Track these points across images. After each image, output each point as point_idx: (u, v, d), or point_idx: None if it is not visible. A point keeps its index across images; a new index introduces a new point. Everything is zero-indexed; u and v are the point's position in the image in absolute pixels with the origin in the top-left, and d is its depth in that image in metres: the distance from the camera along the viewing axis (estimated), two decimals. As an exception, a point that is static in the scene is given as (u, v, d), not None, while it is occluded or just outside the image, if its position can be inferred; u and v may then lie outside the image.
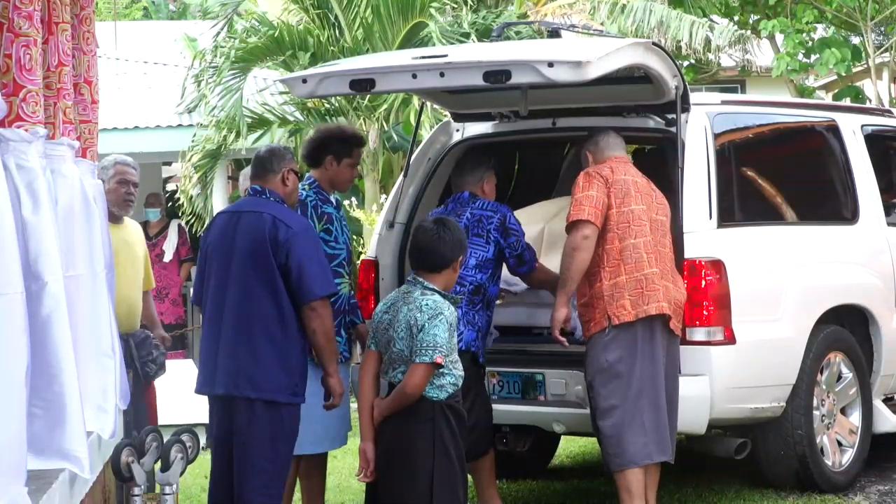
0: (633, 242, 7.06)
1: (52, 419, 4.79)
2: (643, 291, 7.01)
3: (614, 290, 7.03)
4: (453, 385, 5.96)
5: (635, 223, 7.09)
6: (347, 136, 7.43)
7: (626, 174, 7.20)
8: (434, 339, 5.84)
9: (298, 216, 6.70)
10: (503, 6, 16.97)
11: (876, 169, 8.78)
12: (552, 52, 7.31)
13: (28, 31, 4.80)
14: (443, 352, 5.84)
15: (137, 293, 8.08)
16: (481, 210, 7.45)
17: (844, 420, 8.26)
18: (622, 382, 6.99)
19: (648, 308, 6.99)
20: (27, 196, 4.69)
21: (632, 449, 6.97)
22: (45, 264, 4.72)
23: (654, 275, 7.04)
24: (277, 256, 6.37)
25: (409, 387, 5.89)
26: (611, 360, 7.00)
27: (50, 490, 4.52)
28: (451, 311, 5.95)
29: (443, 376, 5.91)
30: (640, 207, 7.12)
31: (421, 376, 5.87)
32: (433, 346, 5.84)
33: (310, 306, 6.39)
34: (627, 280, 7.03)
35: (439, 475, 5.88)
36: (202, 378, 6.54)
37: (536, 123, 8.25)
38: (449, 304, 5.96)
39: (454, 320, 5.96)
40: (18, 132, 4.70)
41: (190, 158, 15.90)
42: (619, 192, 7.11)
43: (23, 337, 4.22)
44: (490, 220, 7.40)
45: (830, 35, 17.78)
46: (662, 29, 16.68)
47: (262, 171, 6.68)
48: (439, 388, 5.92)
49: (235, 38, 16.04)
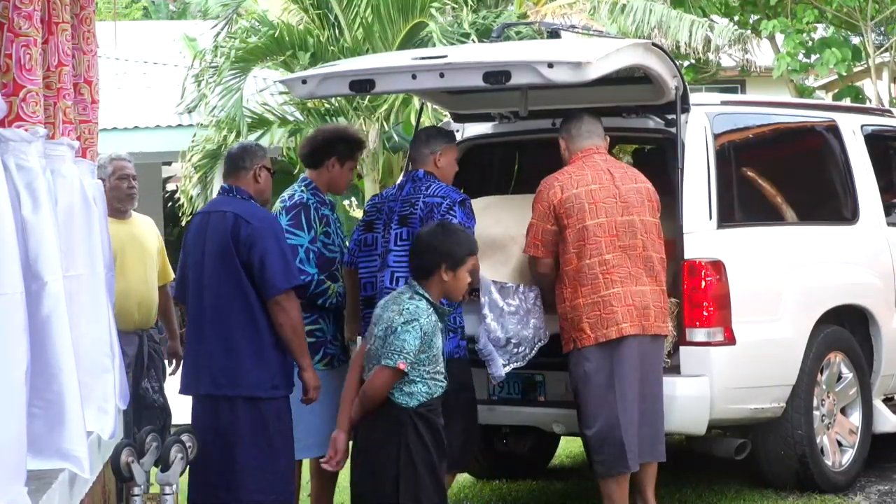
0: (588, 263, 7.01)
1: (52, 419, 4.79)
2: (601, 315, 6.97)
3: (574, 312, 7.02)
4: (426, 394, 5.83)
5: (590, 241, 7.01)
6: (352, 139, 7.41)
7: (578, 185, 7.07)
8: (402, 345, 5.75)
9: (263, 212, 6.68)
10: (503, 6, 16.99)
11: (876, 169, 8.77)
12: (552, 52, 7.31)
13: (28, 31, 4.80)
14: (408, 358, 5.73)
15: (148, 287, 8.06)
16: (432, 197, 6.99)
17: (844, 420, 8.26)
18: (601, 392, 6.97)
19: (608, 332, 6.96)
20: (27, 196, 4.69)
21: (611, 458, 6.96)
22: (45, 264, 4.72)
23: (612, 296, 6.97)
24: (240, 254, 6.45)
25: (368, 388, 5.83)
26: (589, 370, 6.99)
27: (50, 490, 4.52)
28: (430, 321, 5.82)
29: (413, 384, 5.80)
30: (596, 222, 7.03)
31: (382, 380, 5.79)
32: (399, 352, 5.75)
33: (274, 301, 6.45)
34: (584, 303, 6.99)
35: (404, 482, 5.78)
36: (186, 379, 6.65)
37: (536, 124, 8.24)
38: (430, 312, 5.84)
39: (432, 330, 5.83)
40: (18, 132, 4.70)
41: (190, 158, 15.92)
42: (570, 211, 7.04)
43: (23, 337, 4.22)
44: (440, 206, 6.95)
45: (830, 35, 17.79)
46: (662, 29, 16.71)
47: (233, 169, 6.75)
48: (408, 396, 5.81)
49: (235, 38, 16.05)
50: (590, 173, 7.13)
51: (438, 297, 5.97)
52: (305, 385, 6.59)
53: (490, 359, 7.16)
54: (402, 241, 6.91)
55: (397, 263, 6.91)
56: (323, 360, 7.08)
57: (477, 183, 8.70)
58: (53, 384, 4.78)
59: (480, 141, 8.53)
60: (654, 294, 7.07)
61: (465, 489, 8.88)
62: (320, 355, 7.07)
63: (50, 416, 4.78)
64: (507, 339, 7.19)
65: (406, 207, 6.98)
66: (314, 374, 6.62)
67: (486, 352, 7.16)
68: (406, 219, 6.95)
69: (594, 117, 7.35)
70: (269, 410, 6.50)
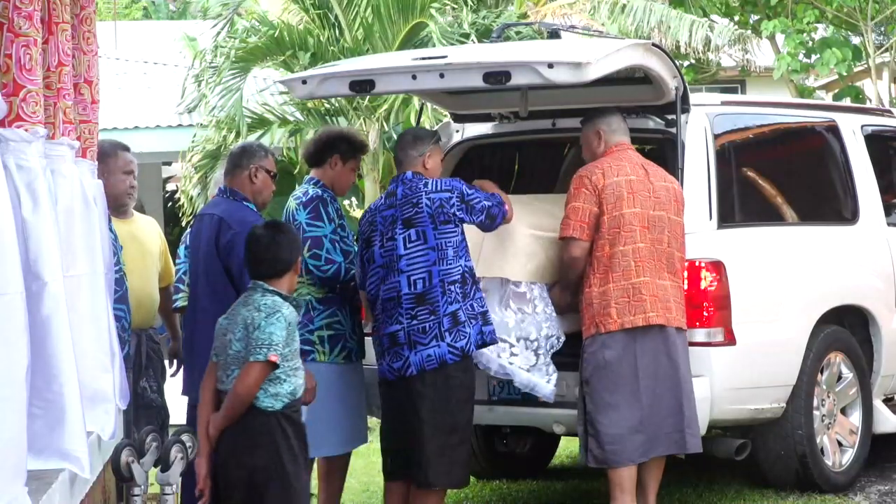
0: (622, 249, 7.05)
1: (52, 419, 4.79)
2: (630, 301, 7.01)
3: (602, 297, 7.04)
4: (291, 395, 5.66)
5: (625, 229, 7.06)
6: (355, 141, 7.44)
7: (619, 174, 7.14)
8: (270, 337, 5.56)
9: (248, 214, 6.66)
10: (503, 6, 16.97)
11: (876, 169, 8.78)
12: (552, 53, 7.32)
13: (28, 31, 4.80)
14: (278, 350, 5.55)
15: (147, 287, 8.05)
16: (437, 192, 6.88)
17: (844, 420, 8.26)
18: (620, 380, 7.00)
19: (635, 319, 6.99)
20: (27, 196, 4.69)
21: (630, 446, 6.98)
22: (45, 264, 4.72)
23: (642, 284, 7.02)
24: (221, 258, 6.45)
25: (240, 386, 5.59)
26: (608, 358, 7.02)
27: (50, 490, 4.52)
28: (291, 311, 5.68)
29: (279, 383, 5.62)
30: (633, 211, 7.08)
31: (254, 376, 5.56)
32: (268, 344, 5.55)
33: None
34: (615, 288, 7.02)
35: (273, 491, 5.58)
36: (186, 381, 6.68)
37: (536, 124, 8.25)
38: (289, 304, 5.70)
39: (294, 320, 5.69)
40: (18, 132, 4.70)
41: (190, 158, 15.91)
42: (610, 197, 7.09)
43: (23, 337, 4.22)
44: (450, 201, 6.87)
45: (831, 35, 17.79)
46: (662, 29, 16.70)
47: (231, 167, 6.79)
48: (274, 398, 5.62)
49: (235, 38, 16.04)
50: (627, 165, 7.20)
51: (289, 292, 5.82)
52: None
53: (532, 387, 7.19)
54: (412, 243, 6.84)
55: (411, 267, 6.82)
56: (341, 353, 7.13)
57: (477, 183, 8.70)
58: (53, 384, 4.78)
59: (480, 141, 8.54)
60: (674, 289, 7.12)
61: (466, 489, 8.87)
62: (339, 349, 7.10)
63: (50, 416, 4.79)
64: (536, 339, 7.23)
65: (408, 209, 6.88)
66: (308, 376, 6.58)
67: (522, 381, 7.18)
68: (411, 220, 6.86)
69: (621, 115, 7.40)
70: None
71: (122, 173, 7.44)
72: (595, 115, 7.38)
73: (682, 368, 7.11)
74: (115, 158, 7.24)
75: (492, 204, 6.96)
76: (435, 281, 6.77)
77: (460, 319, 6.77)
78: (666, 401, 7.06)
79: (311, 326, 7.09)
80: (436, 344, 6.75)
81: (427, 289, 6.77)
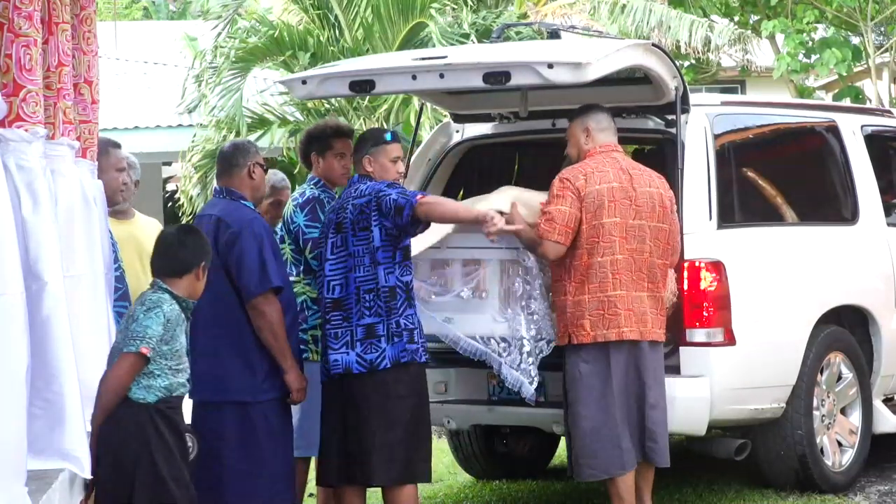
0: (601, 261, 6.97)
1: (52, 419, 4.80)
2: (604, 314, 6.95)
3: (576, 308, 6.97)
4: (165, 390, 5.52)
5: (605, 239, 6.98)
6: (322, 133, 7.42)
7: (601, 182, 7.01)
8: (144, 331, 5.43)
9: (247, 214, 6.66)
10: (503, 6, 16.98)
11: (876, 169, 8.77)
12: (552, 53, 7.31)
13: (28, 31, 4.80)
14: (150, 343, 5.43)
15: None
16: (359, 198, 6.71)
17: (844, 420, 8.26)
18: (594, 393, 6.96)
19: (608, 333, 6.94)
20: (27, 196, 4.70)
21: (607, 459, 6.95)
22: (45, 264, 4.73)
23: (618, 297, 6.95)
24: (221, 258, 6.45)
25: (109, 377, 5.45)
26: (584, 371, 6.98)
27: (50, 490, 4.53)
28: (173, 309, 5.55)
29: (153, 377, 5.49)
30: (613, 220, 6.99)
31: (123, 368, 5.43)
32: (141, 337, 5.43)
33: (251, 305, 6.46)
34: (590, 300, 6.95)
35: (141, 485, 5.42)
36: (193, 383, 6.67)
37: (536, 124, 8.25)
38: (173, 303, 5.58)
39: (175, 319, 5.55)
40: (18, 132, 4.71)
41: (190, 158, 15.92)
42: (590, 206, 6.98)
43: (23, 337, 4.23)
44: (368, 205, 6.67)
45: (831, 35, 17.79)
46: (662, 29, 16.71)
47: (227, 168, 6.75)
48: (146, 389, 5.48)
49: (235, 38, 16.05)
50: (611, 171, 7.09)
51: (185, 295, 5.71)
52: (289, 387, 6.55)
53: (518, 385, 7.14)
54: (336, 249, 6.76)
55: (332, 272, 6.75)
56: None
57: (477, 183, 8.70)
58: (53, 384, 4.79)
59: (480, 141, 8.54)
60: (652, 300, 7.06)
61: (465, 489, 8.88)
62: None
63: (50, 416, 4.79)
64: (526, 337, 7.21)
65: (340, 213, 6.79)
66: (298, 376, 6.57)
67: (513, 380, 7.14)
68: (340, 225, 6.76)
69: (610, 114, 7.33)
70: (256, 415, 6.49)
71: (114, 171, 7.13)
72: (585, 110, 7.29)
73: (648, 382, 7.04)
74: (107, 156, 7.03)
75: (398, 195, 6.61)
76: (351, 288, 6.69)
77: (377, 333, 6.66)
78: (634, 413, 7.04)
79: (305, 326, 7.09)
80: (345, 351, 6.68)
81: (343, 295, 6.71)
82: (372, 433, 6.64)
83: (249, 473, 6.44)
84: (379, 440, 6.63)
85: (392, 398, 6.67)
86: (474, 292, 7.33)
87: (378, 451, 6.64)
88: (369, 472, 6.67)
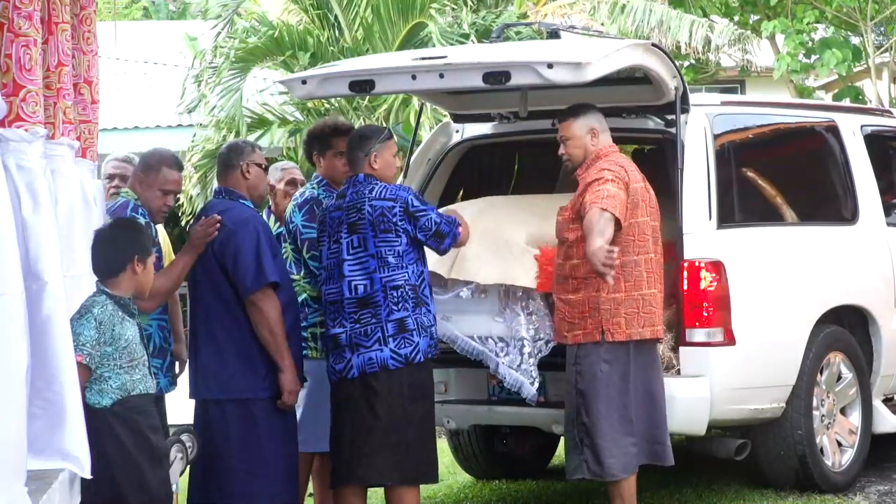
0: (635, 259, 6.95)
1: (52, 419, 4.80)
2: (639, 312, 6.93)
3: (612, 305, 6.92)
4: (121, 390, 5.44)
5: (639, 238, 6.96)
6: (321, 129, 7.48)
7: (637, 180, 7.00)
8: (77, 338, 5.30)
9: (244, 212, 6.66)
10: (503, 6, 16.97)
11: (876, 169, 8.77)
12: (552, 53, 7.31)
13: (28, 31, 4.81)
14: (84, 350, 5.35)
15: None
16: (380, 200, 6.76)
17: (844, 420, 8.26)
18: (616, 392, 6.95)
19: (643, 331, 6.93)
20: (27, 196, 4.70)
21: (625, 458, 6.95)
22: (45, 264, 4.73)
23: (651, 296, 6.96)
24: (217, 257, 6.48)
25: None
26: (604, 369, 6.96)
27: (50, 490, 4.53)
28: (105, 310, 5.44)
29: (104, 380, 5.43)
30: (645, 220, 6.99)
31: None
32: (75, 345, 5.26)
33: (248, 301, 6.49)
34: (625, 298, 6.92)
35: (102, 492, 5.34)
36: (191, 383, 6.70)
37: (536, 124, 8.25)
38: (106, 303, 5.47)
39: (109, 319, 5.44)
40: (18, 132, 4.71)
41: (190, 158, 15.90)
42: (632, 202, 6.94)
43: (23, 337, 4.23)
44: (392, 210, 6.74)
45: (831, 35, 17.79)
46: (662, 29, 16.69)
47: (223, 168, 6.82)
48: (99, 394, 5.43)
49: (235, 38, 16.05)
50: (636, 170, 7.07)
51: (130, 292, 5.60)
52: (281, 387, 6.52)
53: (518, 386, 7.16)
54: (354, 249, 6.76)
55: (353, 272, 6.75)
56: None
57: (476, 183, 8.72)
58: (53, 384, 4.79)
59: (480, 141, 8.54)
60: (660, 298, 7.09)
61: (466, 489, 8.89)
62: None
63: (50, 416, 4.79)
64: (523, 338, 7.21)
65: (353, 214, 6.78)
66: (293, 378, 6.55)
67: (512, 380, 7.16)
68: (355, 226, 6.77)
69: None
70: (259, 413, 6.50)
71: (158, 190, 6.70)
72: (583, 110, 7.15)
73: (657, 381, 7.08)
74: (156, 173, 6.69)
75: (441, 221, 6.79)
76: (377, 286, 6.69)
77: (408, 327, 6.70)
78: (648, 411, 7.03)
79: (305, 323, 7.10)
80: (378, 348, 6.68)
81: (369, 293, 6.70)
82: (389, 430, 6.65)
83: (252, 471, 6.46)
84: (395, 437, 6.66)
85: (417, 395, 6.73)
86: (473, 292, 7.34)
87: (393, 449, 6.66)
88: (379, 471, 6.67)
